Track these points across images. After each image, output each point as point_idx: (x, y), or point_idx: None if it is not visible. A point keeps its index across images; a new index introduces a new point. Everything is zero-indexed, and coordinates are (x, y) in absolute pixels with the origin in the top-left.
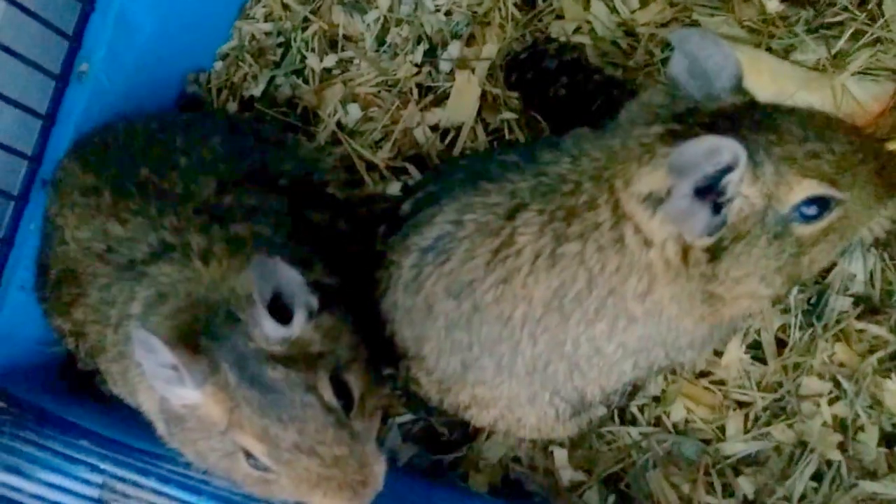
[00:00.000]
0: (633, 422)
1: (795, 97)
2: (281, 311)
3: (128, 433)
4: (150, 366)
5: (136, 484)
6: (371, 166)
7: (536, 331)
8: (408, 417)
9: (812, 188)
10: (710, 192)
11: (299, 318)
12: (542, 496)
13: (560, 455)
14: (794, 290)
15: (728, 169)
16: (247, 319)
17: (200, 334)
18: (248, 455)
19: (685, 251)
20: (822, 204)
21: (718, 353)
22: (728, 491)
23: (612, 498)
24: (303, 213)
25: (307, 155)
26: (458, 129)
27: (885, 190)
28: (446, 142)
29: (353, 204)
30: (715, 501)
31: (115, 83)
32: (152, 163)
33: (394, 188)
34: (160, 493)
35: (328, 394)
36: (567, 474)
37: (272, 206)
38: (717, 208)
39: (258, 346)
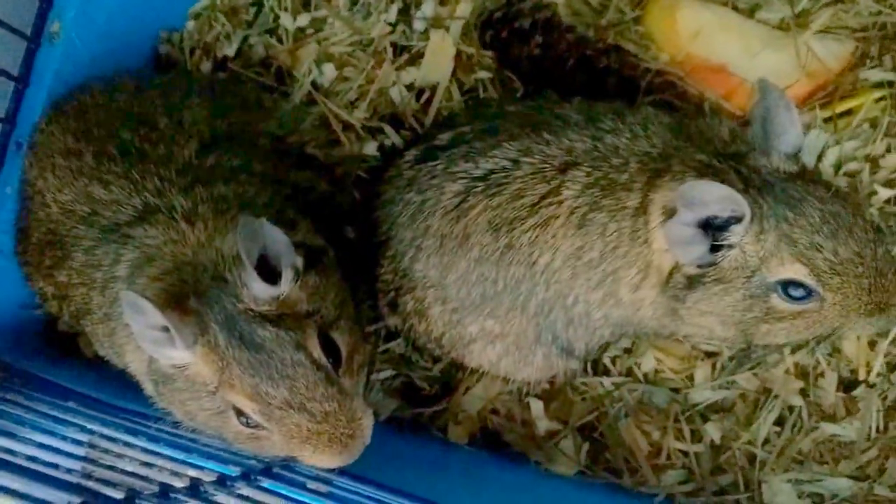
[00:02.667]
0: (606, 373)
1: (760, 55)
2: (268, 271)
3: (115, 394)
4: (139, 327)
5: (125, 443)
6: (347, 126)
7: (552, 279)
8: (389, 373)
9: (800, 273)
10: (716, 231)
11: (286, 278)
12: (519, 446)
13: (536, 406)
14: None
15: (737, 220)
16: (234, 280)
17: (189, 295)
18: (239, 413)
19: (672, 269)
20: (807, 292)
21: None
22: (696, 437)
23: (586, 446)
24: (285, 174)
25: (286, 115)
26: (434, 88)
27: (870, 306)
28: (421, 101)
29: (332, 164)
30: (684, 447)
31: (86, 43)
32: (133, 124)
33: (370, 148)
34: (149, 452)
35: (317, 351)
36: (543, 424)
37: (254, 166)
38: (715, 248)
39: (247, 306)
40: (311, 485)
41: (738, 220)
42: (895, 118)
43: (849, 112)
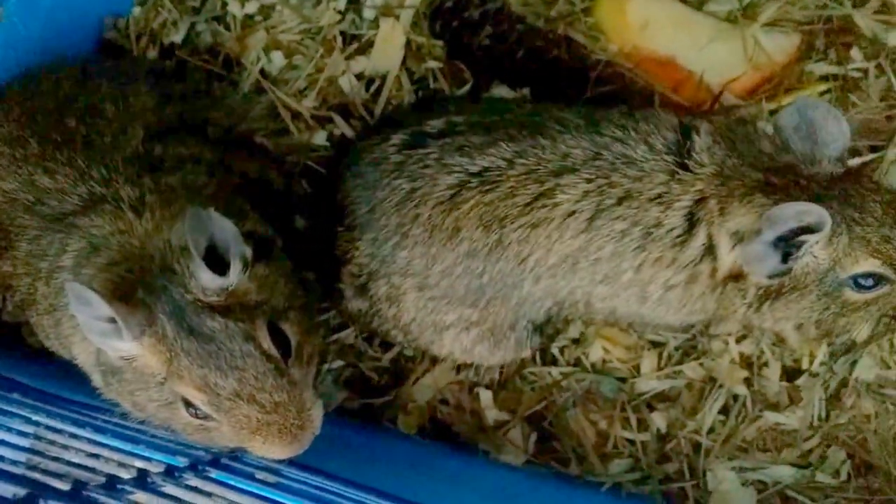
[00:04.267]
0: (555, 362)
1: (708, 47)
2: (216, 261)
3: (60, 385)
4: (86, 319)
5: (71, 435)
6: (296, 115)
7: (543, 275)
8: (338, 363)
9: (874, 266)
10: (785, 242)
11: (235, 269)
12: (468, 436)
13: (485, 396)
14: None
15: (810, 230)
16: (182, 271)
17: (136, 286)
18: (188, 404)
19: (737, 276)
20: (877, 279)
21: None
22: (643, 426)
23: (534, 436)
24: (234, 163)
25: (235, 104)
26: (383, 77)
27: None
28: (371, 91)
29: (281, 154)
30: (630, 436)
31: (30, 29)
32: (78, 112)
33: (320, 137)
34: (96, 444)
35: (266, 342)
36: (492, 414)
37: (203, 155)
38: (785, 257)
39: (195, 296)
40: (260, 475)
41: (810, 230)
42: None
43: None
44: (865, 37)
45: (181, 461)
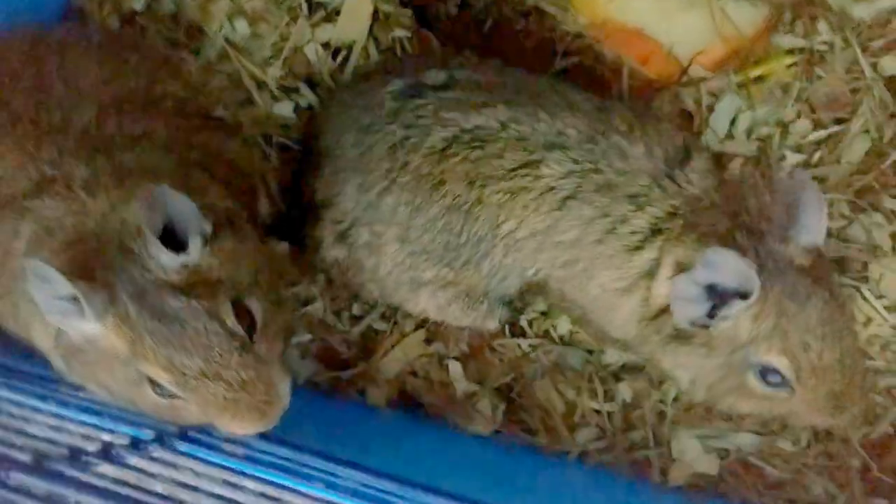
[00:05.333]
0: (523, 335)
1: (676, 18)
2: (175, 239)
3: (22, 359)
4: (46, 298)
5: (33, 408)
6: (261, 85)
7: (512, 247)
8: (306, 337)
9: (782, 365)
10: (717, 296)
11: (195, 245)
12: (437, 408)
13: (455, 368)
14: None
15: (742, 296)
16: (141, 251)
17: (95, 267)
18: (154, 384)
19: (660, 311)
20: (782, 380)
21: None
22: (609, 396)
23: (503, 406)
24: (191, 137)
25: (194, 75)
26: (350, 47)
27: (832, 409)
28: (338, 60)
29: (244, 125)
30: (597, 406)
31: None
32: (26, 90)
33: (285, 108)
34: (59, 417)
35: (231, 320)
36: (461, 386)
37: (158, 131)
38: (712, 312)
39: (156, 276)
40: (228, 447)
41: (744, 296)
42: (806, 84)
43: (761, 78)
44: (832, 10)
45: (147, 433)
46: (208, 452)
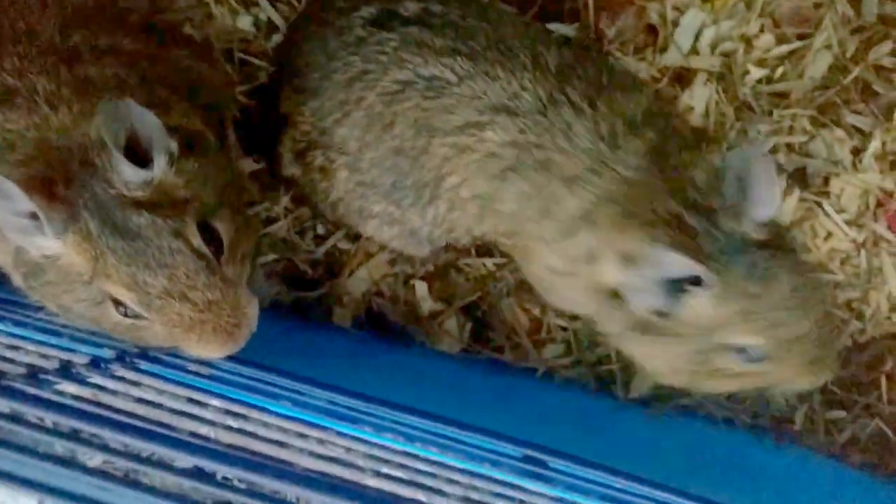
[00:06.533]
0: (489, 254)
1: None
2: (139, 155)
3: None
4: (4, 214)
5: None
6: None
7: (456, 203)
8: (270, 257)
9: (756, 344)
10: (674, 287)
11: (159, 161)
12: (403, 326)
13: (421, 287)
14: None
15: (698, 282)
16: (104, 165)
17: (57, 182)
18: (118, 304)
19: (616, 294)
20: (757, 356)
21: None
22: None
23: (469, 325)
24: (157, 52)
25: None
26: None
27: (806, 372)
28: None
29: (209, 42)
30: (563, 322)
31: None
32: None
33: (244, 22)
34: (16, 336)
35: (197, 240)
36: (427, 305)
37: (123, 45)
38: (670, 297)
39: (119, 192)
40: (192, 367)
41: (699, 282)
42: None
43: None
44: None
45: (108, 353)
46: (172, 371)
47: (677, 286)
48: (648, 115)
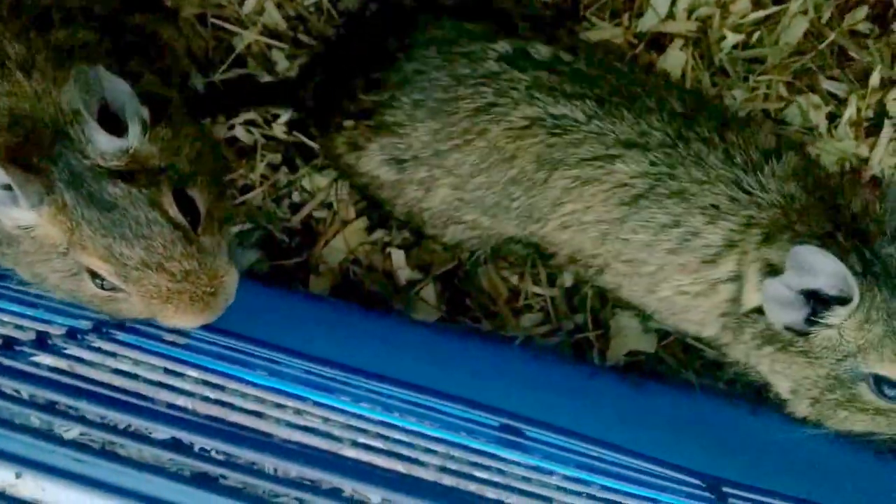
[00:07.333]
0: None
1: None
2: (113, 124)
3: None
4: None
5: None
6: None
7: (573, 226)
8: (247, 226)
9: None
10: (818, 304)
11: (134, 129)
12: (380, 295)
13: (398, 256)
14: None
15: (843, 302)
16: (78, 135)
17: (31, 152)
18: (94, 275)
19: (755, 309)
20: None
21: None
22: (552, 280)
23: (447, 293)
24: (126, 19)
25: None
26: None
27: None
28: None
29: (177, 11)
30: (541, 290)
31: None
32: None
33: None
34: None
35: (173, 209)
36: (404, 274)
37: (95, 10)
38: (811, 320)
39: (94, 162)
40: (169, 337)
41: (844, 301)
42: None
43: None
44: None
45: (84, 324)
46: (148, 342)
47: (821, 302)
48: (782, 141)
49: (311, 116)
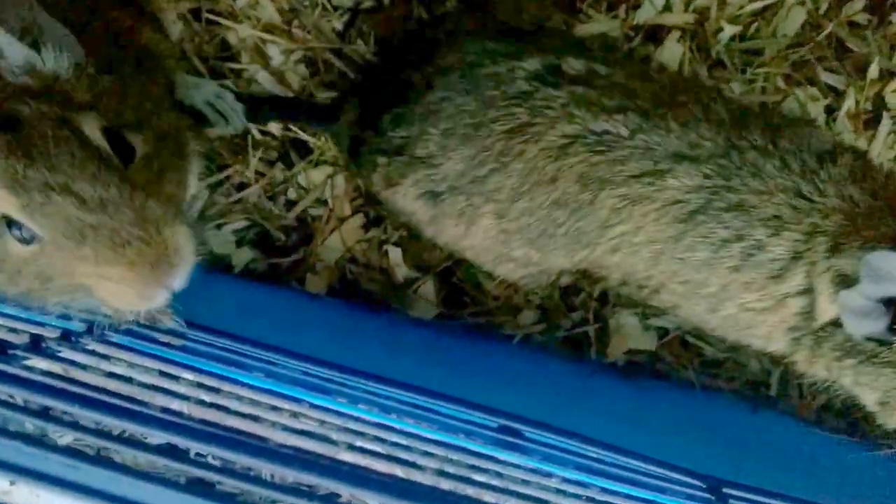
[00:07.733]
0: None
1: None
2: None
3: None
4: None
5: None
6: None
7: (623, 248)
8: (242, 223)
9: None
10: None
11: (48, 50)
12: (378, 294)
13: (395, 254)
14: None
15: None
16: None
17: None
18: (10, 223)
19: (832, 322)
20: None
21: None
22: None
23: (444, 291)
24: (106, 13)
25: None
26: None
27: None
28: None
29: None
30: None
31: None
32: None
33: None
34: None
35: (95, 134)
36: (402, 272)
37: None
38: (894, 328)
39: (5, 82)
40: (164, 338)
41: None
42: None
43: None
44: None
45: (78, 326)
46: (144, 344)
47: None
48: (836, 143)
49: (349, 154)
